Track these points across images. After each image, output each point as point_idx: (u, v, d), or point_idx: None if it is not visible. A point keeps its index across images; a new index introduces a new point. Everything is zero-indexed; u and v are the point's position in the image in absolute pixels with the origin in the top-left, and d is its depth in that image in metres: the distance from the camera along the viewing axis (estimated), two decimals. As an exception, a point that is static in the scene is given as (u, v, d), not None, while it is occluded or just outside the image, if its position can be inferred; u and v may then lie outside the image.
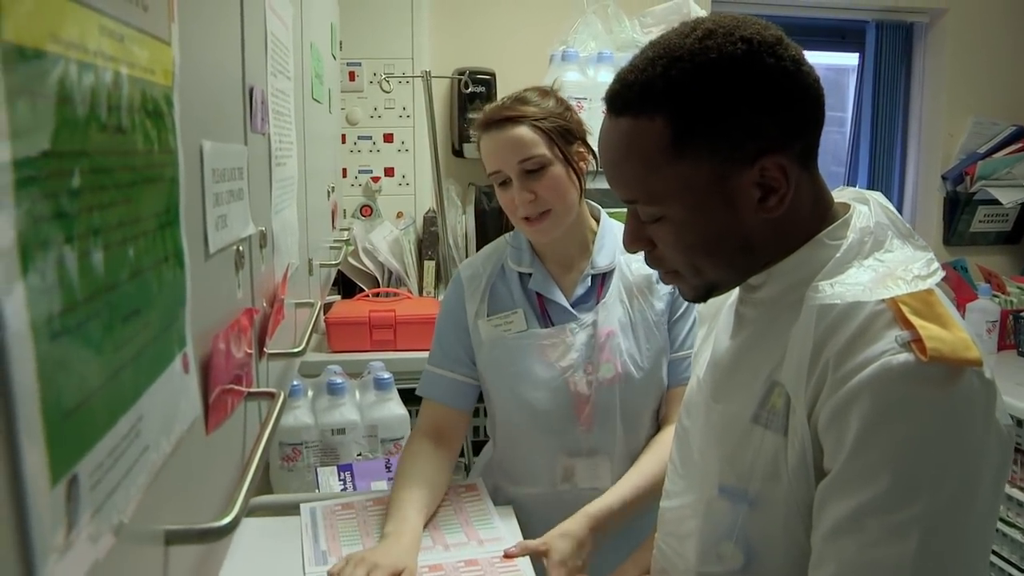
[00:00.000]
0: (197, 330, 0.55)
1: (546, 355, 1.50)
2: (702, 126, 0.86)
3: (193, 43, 0.57)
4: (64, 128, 0.33)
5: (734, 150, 0.87)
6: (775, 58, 0.86)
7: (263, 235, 0.85)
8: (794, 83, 0.88)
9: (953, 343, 0.80)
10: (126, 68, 0.40)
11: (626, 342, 1.47)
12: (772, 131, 0.86)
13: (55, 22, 0.32)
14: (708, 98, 0.86)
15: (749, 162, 0.87)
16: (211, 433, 0.59)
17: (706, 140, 0.87)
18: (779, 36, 0.88)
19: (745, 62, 0.86)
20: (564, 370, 1.48)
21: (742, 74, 0.86)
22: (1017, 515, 2.61)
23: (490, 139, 1.45)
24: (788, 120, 0.87)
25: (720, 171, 0.87)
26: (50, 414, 0.31)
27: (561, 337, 1.50)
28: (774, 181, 0.87)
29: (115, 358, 0.38)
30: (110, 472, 0.38)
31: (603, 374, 1.47)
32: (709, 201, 0.89)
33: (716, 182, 0.88)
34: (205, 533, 0.50)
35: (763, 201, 0.88)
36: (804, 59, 0.90)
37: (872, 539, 0.80)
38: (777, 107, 0.87)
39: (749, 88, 0.86)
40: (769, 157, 0.86)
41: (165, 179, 0.48)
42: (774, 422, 0.90)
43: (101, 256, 0.37)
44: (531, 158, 1.42)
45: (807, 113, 0.90)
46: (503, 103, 1.48)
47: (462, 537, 1.41)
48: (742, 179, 0.87)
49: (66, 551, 0.33)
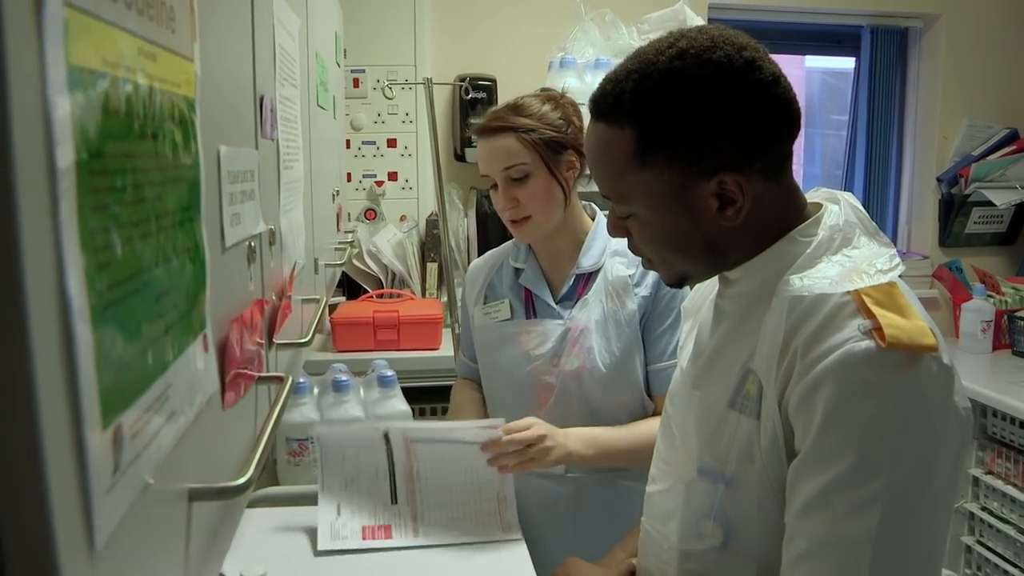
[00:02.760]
0: (215, 315, 0.62)
1: (522, 344, 1.60)
2: (663, 140, 0.94)
3: (211, 58, 0.63)
4: (111, 135, 0.39)
5: (692, 164, 0.93)
6: (741, 81, 0.92)
7: (272, 233, 0.92)
8: (760, 105, 0.93)
9: (911, 331, 0.86)
10: (158, 83, 0.47)
11: (597, 339, 1.55)
12: (731, 150, 0.93)
13: (106, 46, 0.39)
14: (670, 115, 0.93)
15: (707, 176, 0.93)
16: (227, 409, 0.66)
17: (666, 153, 0.94)
18: (751, 58, 0.93)
19: (710, 84, 0.92)
20: (534, 359, 1.58)
21: (705, 95, 0.92)
22: (1011, 511, 2.66)
23: (482, 145, 1.57)
24: (749, 139, 0.93)
25: (680, 181, 0.94)
26: (102, 370, 0.38)
27: (539, 329, 1.59)
28: (732, 194, 0.94)
29: (150, 330, 0.45)
30: (146, 427, 0.44)
31: (568, 366, 1.56)
32: (670, 207, 0.96)
33: (676, 191, 0.95)
34: (224, 491, 0.57)
35: (722, 211, 0.95)
36: (778, 79, 0.95)
37: (839, 514, 0.86)
38: (738, 128, 0.93)
39: (710, 109, 0.92)
40: (727, 173, 0.93)
41: (188, 179, 0.55)
42: (748, 407, 0.96)
43: (139, 243, 0.44)
44: (514, 167, 1.53)
45: (773, 131, 0.95)
46: (497, 111, 1.58)
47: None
48: (700, 190, 0.94)
49: (112, 489, 0.40)
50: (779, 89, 0.95)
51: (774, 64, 0.96)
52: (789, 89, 0.96)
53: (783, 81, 0.96)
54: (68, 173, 0.35)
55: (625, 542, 1.34)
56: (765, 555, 0.96)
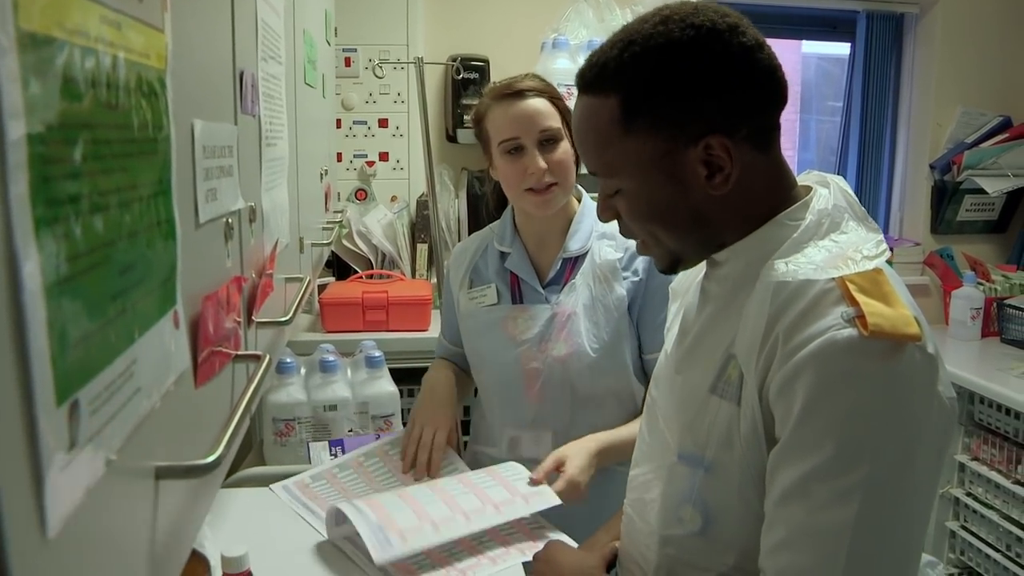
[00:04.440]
0: (187, 292, 0.61)
1: (508, 329, 1.59)
2: (648, 105, 0.93)
3: (185, 30, 0.62)
4: (69, 105, 0.38)
5: (678, 128, 0.92)
6: (723, 44, 0.91)
7: (252, 210, 0.91)
8: (744, 68, 0.93)
9: (894, 319, 0.85)
10: (123, 53, 0.46)
11: (585, 323, 1.55)
12: (716, 113, 0.92)
13: (62, 12, 0.38)
14: (654, 79, 0.92)
15: (693, 141, 0.92)
16: (200, 387, 0.65)
17: (652, 118, 0.93)
18: (735, 23, 0.93)
19: (692, 47, 0.91)
20: (521, 344, 1.58)
21: (688, 58, 0.91)
22: (995, 497, 2.67)
23: (509, 107, 1.53)
24: (734, 103, 0.92)
25: (666, 148, 0.93)
26: (56, 344, 0.37)
27: (526, 314, 1.58)
28: (719, 160, 0.93)
29: (112, 305, 0.44)
30: (107, 404, 0.44)
31: (556, 352, 1.55)
32: (657, 175, 0.95)
33: (662, 158, 0.94)
34: (191, 469, 0.56)
35: (710, 179, 0.94)
36: (762, 45, 0.94)
37: (818, 503, 0.85)
38: (722, 90, 0.92)
39: (695, 72, 0.91)
40: (714, 137, 0.92)
41: (158, 153, 0.54)
42: (729, 392, 0.96)
43: (101, 216, 0.43)
44: (549, 129, 1.52)
45: (758, 96, 0.94)
46: (522, 77, 1.57)
47: (476, 502, 1.42)
48: (687, 156, 0.93)
49: (67, 465, 0.39)
50: (763, 55, 0.94)
51: (758, 32, 0.95)
52: (773, 57, 0.96)
53: (767, 48, 0.95)
54: (20, 145, 0.34)
55: (609, 525, 1.34)
56: (744, 541, 0.96)
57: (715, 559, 1.00)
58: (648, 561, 1.09)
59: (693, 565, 1.03)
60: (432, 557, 1.32)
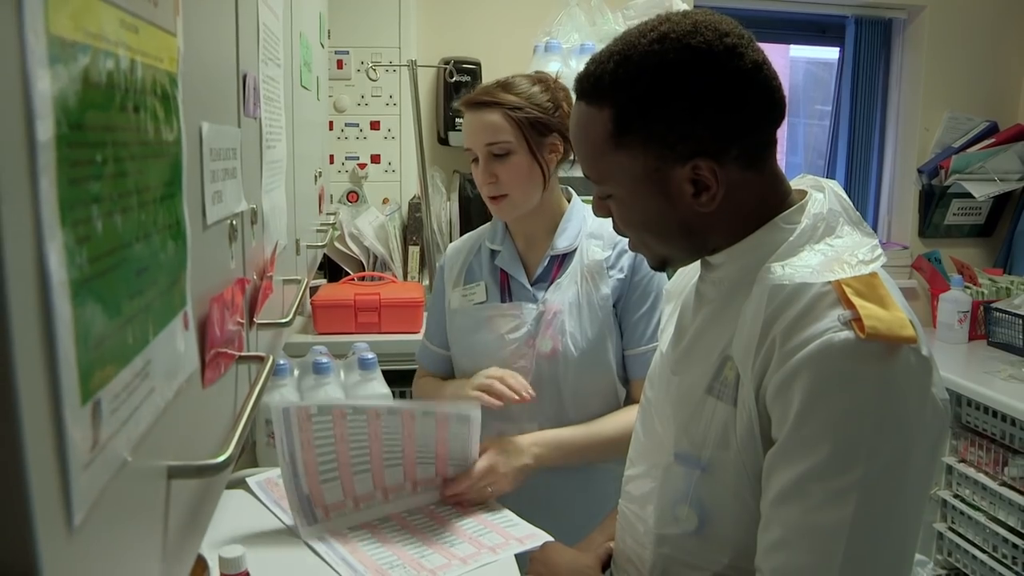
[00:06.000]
0: (195, 293, 0.61)
1: (497, 327, 1.60)
2: (639, 123, 0.94)
3: (194, 33, 0.63)
4: (93, 108, 0.39)
5: (667, 148, 0.93)
6: (719, 68, 0.92)
7: (254, 212, 0.91)
8: (738, 92, 0.93)
9: (890, 322, 0.87)
10: (140, 56, 0.47)
11: (571, 321, 1.56)
12: (705, 136, 0.93)
13: (87, 17, 0.38)
14: (647, 98, 0.93)
15: (682, 161, 0.93)
16: (207, 387, 0.66)
17: (641, 136, 0.94)
18: (733, 45, 0.92)
19: (687, 69, 0.92)
20: (509, 342, 1.59)
21: (682, 80, 0.92)
22: (982, 499, 2.70)
23: (468, 118, 1.58)
24: (726, 126, 0.93)
25: (655, 164, 0.94)
26: (81, 345, 0.37)
27: (514, 312, 1.60)
28: (706, 180, 0.94)
29: (130, 306, 0.45)
30: (125, 404, 0.44)
31: (542, 349, 1.57)
32: (646, 189, 0.97)
33: (651, 174, 0.95)
34: (203, 469, 0.57)
35: (696, 196, 0.95)
36: (760, 66, 0.94)
37: (814, 504, 0.86)
38: (714, 114, 0.92)
39: (687, 94, 0.92)
40: (701, 159, 0.93)
41: (170, 155, 0.54)
42: (725, 394, 0.97)
43: (120, 218, 0.43)
44: (497, 143, 1.54)
45: (751, 119, 0.95)
46: (487, 86, 1.59)
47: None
48: (675, 174, 0.94)
49: (90, 465, 0.40)
50: (760, 76, 0.94)
51: (758, 51, 0.95)
52: (773, 77, 0.96)
53: (766, 69, 0.95)
54: (48, 147, 0.34)
55: (603, 525, 1.35)
56: (740, 541, 0.97)
57: (710, 558, 1.01)
58: (644, 560, 1.10)
59: (689, 564, 1.04)
60: (402, 557, 1.33)
